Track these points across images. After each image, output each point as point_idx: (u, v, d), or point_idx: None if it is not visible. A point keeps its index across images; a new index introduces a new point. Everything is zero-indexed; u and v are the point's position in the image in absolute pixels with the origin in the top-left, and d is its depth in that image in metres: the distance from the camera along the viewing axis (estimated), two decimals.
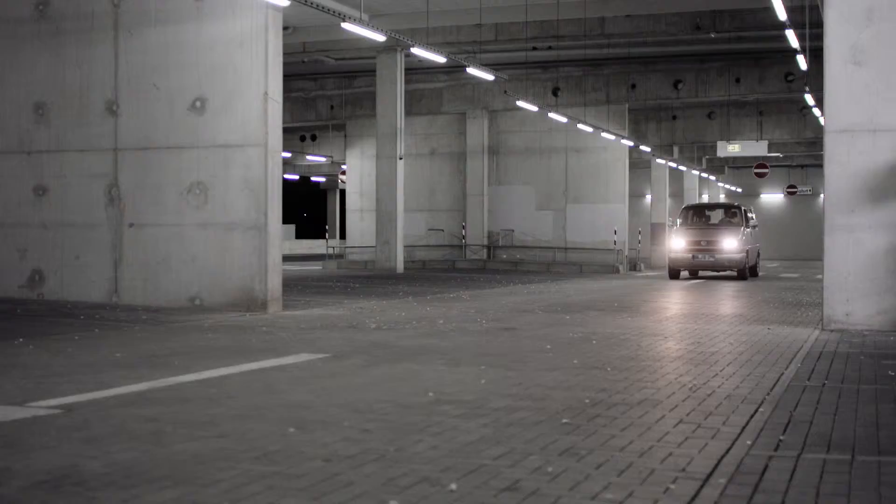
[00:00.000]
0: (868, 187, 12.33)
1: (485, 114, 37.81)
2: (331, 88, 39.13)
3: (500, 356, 9.51)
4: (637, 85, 35.01)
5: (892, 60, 12.34)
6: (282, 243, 15.70)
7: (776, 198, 64.99)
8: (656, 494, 4.43)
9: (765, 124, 41.81)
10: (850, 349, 10.19)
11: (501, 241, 38.03)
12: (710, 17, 27.65)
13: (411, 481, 4.64)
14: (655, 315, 14.79)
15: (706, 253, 27.88)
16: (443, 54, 23.47)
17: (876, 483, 4.61)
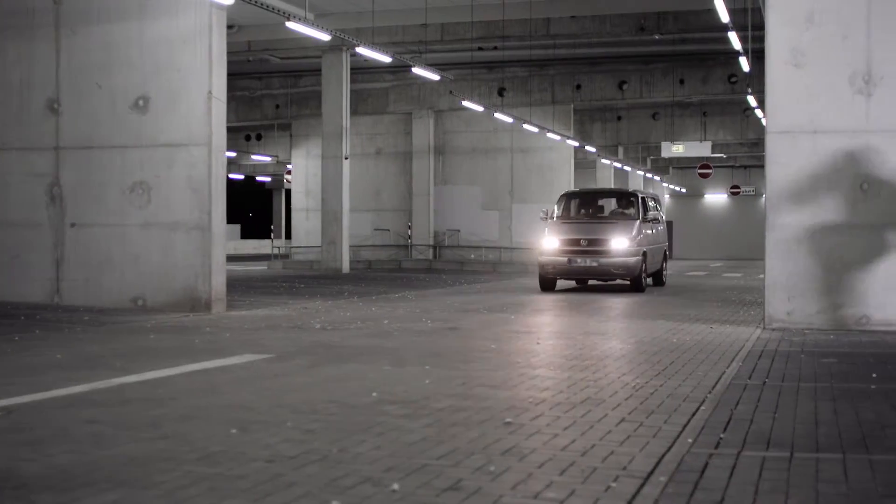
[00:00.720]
0: (808, 188, 12.47)
1: (431, 114, 37.82)
2: (276, 87, 38.96)
3: (444, 356, 9.52)
4: (582, 85, 35.18)
5: (832, 63, 12.49)
6: (226, 243, 15.60)
7: (720, 198, 65.59)
8: (597, 493, 4.46)
9: (708, 125, 42.18)
10: (791, 348, 10.31)
11: (447, 240, 38.06)
12: (654, 19, 27.85)
13: (354, 482, 4.63)
14: (600, 314, 14.86)
15: (587, 256, 20.87)
16: (388, 54, 23.44)
17: (814, 480, 4.66)
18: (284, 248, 45.47)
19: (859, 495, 4.38)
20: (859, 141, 12.40)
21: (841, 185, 12.42)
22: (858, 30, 12.44)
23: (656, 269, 23.08)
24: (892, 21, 12.38)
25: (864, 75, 12.42)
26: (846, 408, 6.60)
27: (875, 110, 12.37)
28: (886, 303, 12.25)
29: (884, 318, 12.23)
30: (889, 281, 12.25)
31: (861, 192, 12.36)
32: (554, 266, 21.06)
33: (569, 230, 21.48)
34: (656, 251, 22.90)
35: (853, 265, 12.35)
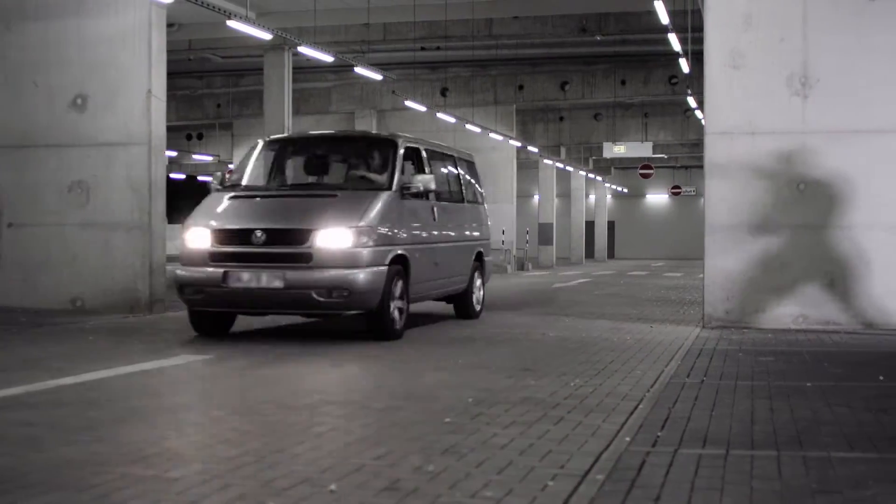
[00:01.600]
0: (746, 188, 12.59)
1: (373, 114, 37.72)
2: (218, 87, 38.66)
3: (384, 357, 9.50)
4: (525, 86, 35.27)
5: (770, 65, 12.62)
6: (167, 243, 15.45)
7: (661, 198, 66.10)
8: (535, 492, 4.47)
9: (650, 126, 42.47)
10: (729, 346, 10.40)
11: None
12: (595, 20, 27.98)
13: (290, 482, 4.61)
14: (543, 312, 14.90)
15: (262, 267, 10.77)
16: (330, 53, 23.36)
17: (748, 477, 4.71)
18: None
19: (792, 492, 4.43)
20: (796, 142, 12.54)
21: (778, 186, 12.55)
22: (795, 32, 12.59)
23: (457, 288, 13.64)
24: (828, 23, 12.54)
25: (800, 77, 12.56)
26: (782, 405, 6.67)
27: (811, 112, 12.52)
28: (823, 302, 12.40)
29: (821, 317, 12.38)
30: (824, 280, 12.40)
31: (798, 192, 12.50)
32: (201, 287, 10.93)
33: (236, 213, 11.55)
34: (447, 256, 13.15)
35: (791, 265, 12.49)
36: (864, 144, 12.42)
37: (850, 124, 12.46)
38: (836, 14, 12.55)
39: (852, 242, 12.37)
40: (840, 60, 12.51)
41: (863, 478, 4.67)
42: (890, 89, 12.39)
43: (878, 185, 12.33)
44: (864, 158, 12.39)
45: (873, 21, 12.45)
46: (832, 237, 12.42)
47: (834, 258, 12.40)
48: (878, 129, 12.41)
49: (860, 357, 9.49)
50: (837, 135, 12.48)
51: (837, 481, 4.61)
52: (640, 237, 65.81)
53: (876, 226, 12.32)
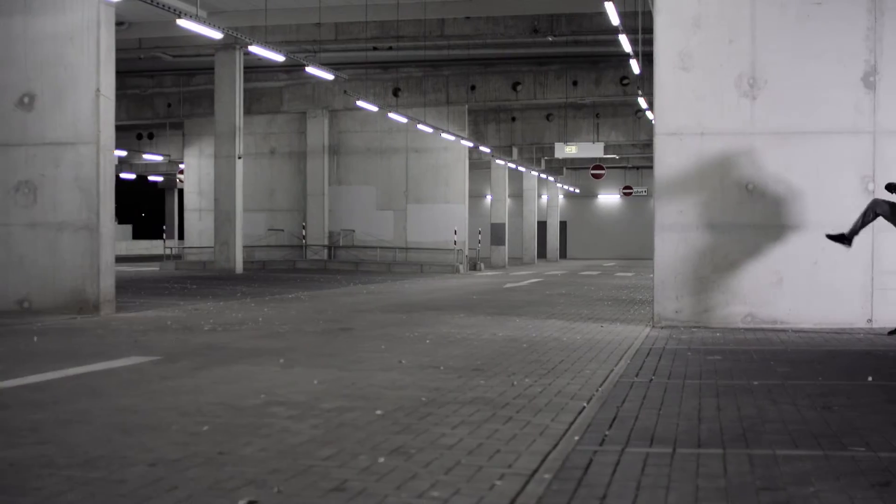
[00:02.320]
0: (696, 188, 12.70)
1: (325, 113, 37.65)
2: (168, 86, 38.41)
3: (335, 357, 9.48)
4: (477, 86, 35.33)
5: (719, 66, 12.73)
6: (117, 244, 15.33)
7: (613, 198, 66.42)
8: (482, 491, 4.47)
9: (601, 126, 42.67)
10: (678, 345, 10.48)
11: (342, 241, 37.93)
12: (547, 21, 28.08)
13: (237, 484, 4.58)
14: (494, 312, 14.93)
15: None
16: (282, 53, 23.28)
17: (694, 475, 4.74)
18: (177, 249, 44.89)
19: (737, 489, 4.47)
20: (744, 143, 12.66)
21: (727, 186, 12.66)
22: (743, 34, 12.70)
23: None
24: (775, 26, 12.66)
25: (749, 78, 12.68)
26: (729, 404, 6.72)
27: (759, 113, 12.64)
28: (771, 301, 12.53)
29: (768, 316, 12.50)
30: (773, 279, 12.53)
31: (746, 192, 12.62)
32: None
33: None
34: None
35: (739, 264, 12.60)
36: (812, 145, 12.56)
37: (797, 125, 12.60)
38: (783, 17, 12.67)
39: (800, 242, 12.50)
40: (787, 62, 12.64)
41: (806, 475, 4.71)
42: (836, 91, 12.53)
43: (825, 185, 12.47)
44: (811, 159, 12.53)
45: (820, 24, 12.59)
46: (780, 236, 12.55)
47: (782, 257, 12.53)
48: (825, 130, 12.55)
49: (806, 355, 9.59)
50: (785, 136, 12.61)
51: (782, 478, 4.66)
52: (593, 237, 66.10)
53: (823, 225, 12.45)
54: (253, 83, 35.27)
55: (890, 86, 12.48)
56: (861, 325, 12.38)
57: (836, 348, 10.31)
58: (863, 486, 4.50)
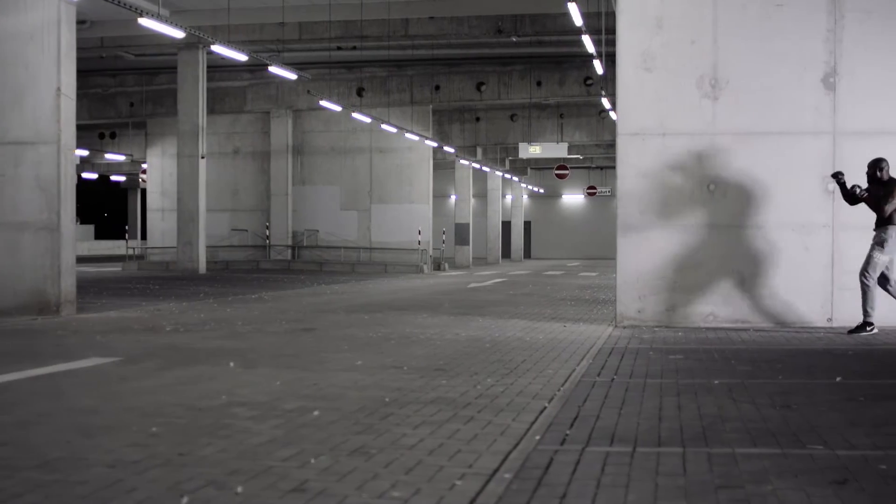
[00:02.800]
0: (657, 188, 12.76)
1: (289, 113, 37.56)
2: (131, 85, 38.18)
3: (297, 357, 9.46)
4: (441, 86, 35.35)
5: (681, 67, 12.80)
6: (79, 244, 15.24)
7: (577, 198, 66.63)
8: (442, 491, 4.47)
9: (565, 127, 42.81)
10: (641, 345, 10.52)
11: (306, 241, 37.85)
12: (511, 21, 28.14)
13: (197, 485, 4.56)
14: (458, 312, 14.94)
15: None
16: (245, 52, 23.20)
17: (654, 473, 4.76)
18: (140, 249, 44.63)
19: (696, 487, 4.49)
20: (706, 143, 12.73)
21: (689, 186, 12.73)
22: (705, 35, 12.77)
23: None
24: (737, 27, 12.74)
25: (710, 79, 12.75)
26: (689, 403, 6.76)
27: (721, 113, 12.71)
28: (732, 300, 12.61)
29: (730, 315, 12.58)
30: (734, 279, 12.61)
31: (708, 192, 12.69)
32: None
33: None
34: None
35: (701, 264, 12.67)
36: (772, 145, 12.65)
37: (758, 126, 12.69)
38: (745, 18, 12.76)
39: (762, 241, 12.60)
40: (749, 63, 12.73)
41: (765, 473, 4.75)
42: (796, 92, 12.63)
43: (786, 185, 12.57)
44: (772, 159, 12.63)
45: (781, 25, 12.68)
46: (742, 236, 12.63)
47: (744, 257, 12.62)
48: (786, 131, 12.65)
49: (767, 354, 9.65)
50: (746, 136, 12.70)
51: (740, 476, 4.69)
52: (557, 237, 66.30)
53: (784, 225, 12.56)
54: (216, 82, 35.14)
55: (849, 87, 12.59)
56: (822, 324, 12.48)
57: (797, 347, 10.39)
58: (820, 484, 4.54)
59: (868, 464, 4.93)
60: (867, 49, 12.61)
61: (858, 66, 12.60)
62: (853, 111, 12.61)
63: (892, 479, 4.62)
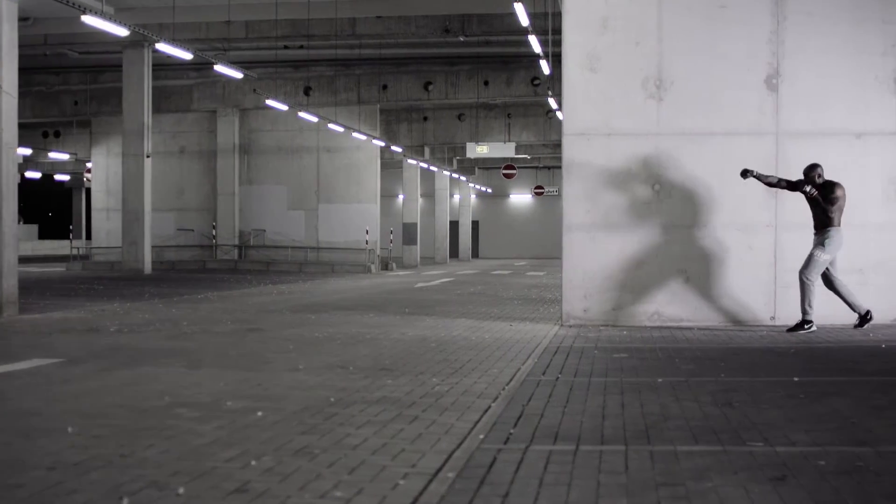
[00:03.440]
0: (603, 188, 12.83)
1: (236, 112, 37.36)
2: (75, 83, 37.76)
3: (242, 357, 9.41)
4: (388, 86, 35.31)
5: (626, 68, 12.87)
6: (20, 244, 15.04)
7: (525, 198, 66.83)
8: (385, 491, 4.48)
9: (513, 127, 42.90)
10: (586, 344, 10.57)
11: (253, 241, 37.66)
12: (459, 21, 28.16)
13: (138, 486, 4.53)
14: (404, 312, 14.93)
15: None
16: (190, 51, 23.05)
17: (596, 471, 4.80)
18: (85, 249, 44.19)
19: (637, 485, 4.53)
20: (651, 143, 12.82)
21: (634, 186, 12.82)
22: (650, 36, 12.86)
23: None
24: (682, 28, 12.85)
25: (655, 80, 12.84)
26: (633, 401, 6.80)
27: (666, 114, 12.81)
28: (676, 299, 12.71)
29: (675, 314, 12.68)
30: (679, 278, 12.71)
31: (653, 192, 12.78)
32: None
33: None
34: None
35: (646, 263, 12.76)
36: (716, 146, 12.77)
37: (702, 126, 12.80)
38: (689, 19, 12.86)
39: (706, 241, 12.71)
40: (693, 64, 12.84)
41: (706, 470, 4.79)
42: (740, 92, 12.75)
43: (730, 185, 12.67)
44: (716, 159, 12.74)
45: (724, 27, 12.80)
46: (686, 236, 12.73)
47: (688, 256, 12.72)
48: (730, 132, 12.77)
49: (710, 353, 9.74)
50: (691, 136, 12.81)
51: (681, 474, 4.73)
52: (505, 237, 66.45)
53: (728, 225, 12.68)
54: (162, 81, 34.85)
55: (792, 88, 12.74)
56: (765, 322, 12.62)
57: (740, 346, 10.50)
58: (759, 481, 4.59)
59: (807, 460, 5.00)
60: (809, 51, 12.76)
61: (801, 67, 12.75)
62: (795, 112, 12.76)
63: (830, 475, 4.69)
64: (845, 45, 12.80)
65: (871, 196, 12.69)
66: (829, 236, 11.72)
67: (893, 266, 12.68)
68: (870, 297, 12.18)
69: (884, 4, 12.75)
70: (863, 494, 4.36)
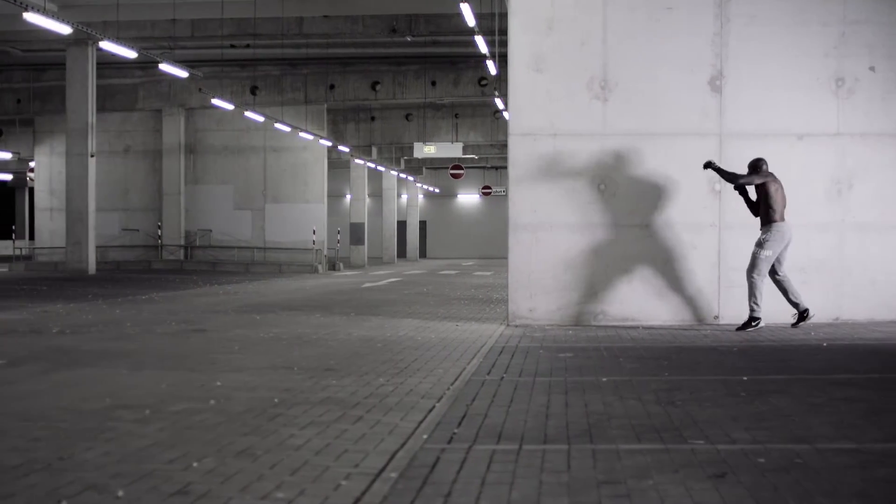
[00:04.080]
0: (549, 188, 12.87)
1: (182, 111, 37.09)
2: (18, 81, 37.30)
3: (186, 358, 9.34)
4: (336, 85, 35.23)
5: (571, 69, 12.93)
6: None
7: (472, 198, 66.93)
8: (327, 492, 4.47)
9: (460, 127, 42.96)
10: (531, 344, 10.60)
11: (199, 241, 37.41)
12: (406, 21, 28.16)
13: (77, 489, 4.48)
14: (351, 312, 14.90)
15: None
16: (135, 49, 22.86)
17: (539, 470, 4.81)
18: (28, 250, 43.69)
19: (579, 484, 4.55)
20: (596, 144, 12.88)
21: (580, 186, 12.86)
22: (595, 37, 12.92)
23: None
24: (627, 30, 12.92)
25: (600, 81, 12.91)
26: (577, 400, 6.83)
27: (611, 114, 12.88)
28: (621, 298, 12.78)
29: (619, 314, 12.75)
30: (624, 277, 12.78)
31: (599, 192, 12.84)
32: None
33: None
34: None
35: (591, 263, 12.81)
36: (661, 146, 12.85)
37: (647, 127, 12.87)
38: (634, 20, 12.94)
39: (651, 241, 12.79)
40: (638, 66, 12.91)
41: (647, 468, 4.83)
42: (684, 94, 12.85)
43: (674, 185, 12.77)
44: (661, 160, 12.82)
45: (669, 28, 12.89)
46: (632, 236, 12.80)
47: (633, 256, 12.80)
48: (674, 132, 12.86)
49: (654, 352, 9.81)
50: (636, 137, 12.88)
51: (623, 472, 4.76)
52: (452, 237, 66.52)
53: (673, 224, 12.76)
54: (107, 79, 34.53)
55: (735, 90, 12.85)
56: (709, 321, 12.72)
57: (684, 344, 10.57)
58: (699, 478, 4.63)
59: (747, 457, 5.05)
60: (752, 52, 12.89)
61: (743, 68, 12.87)
62: (739, 113, 12.87)
63: (769, 472, 4.73)
64: (788, 47, 12.93)
65: (814, 196, 12.83)
66: (769, 232, 11.87)
67: (835, 265, 12.84)
68: (811, 296, 12.32)
69: (825, 7, 12.90)
70: (801, 491, 4.42)
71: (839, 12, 12.90)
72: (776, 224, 11.87)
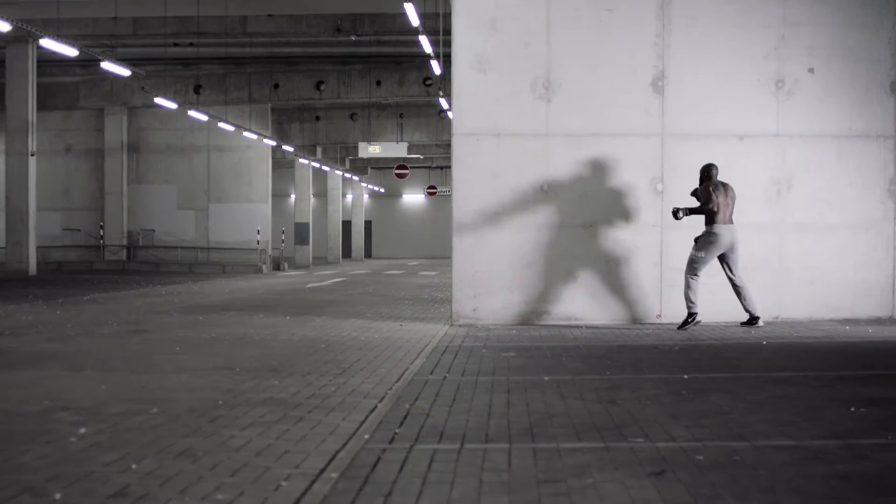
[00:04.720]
0: (492, 189, 12.90)
1: (124, 110, 36.75)
2: None
3: (127, 359, 9.26)
4: (280, 85, 35.07)
5: (515, 69, 12.96)
6: None
7: (418, 198, 66.93)
8: (267, 492, 4.45)
9: (405, 126, 42.94)
10: (475, 343, 10.62)
11: (142, 241, 37.10)
12: (350, 21, 28.11)
13: (13, 493, 4.42)
14: (295, 312, 14.84)
15: None
16: (76, 47, 22.62)
17: (480, 469, 4.82)
18: None
19: (519, 482, 4.56)
20: (540, 144, 12.93)
21: (523, 186, 12.91)
22: (539, 38, 12.97)
23: None
24: (570, 31, 12.97)
25: (544, 81, 12.96)
26: (519, 399, 6.85)
27: (554, 115, 12.93)
28: (564, 298, 12.83)
29: (563, 313, 12.81)
30: (568, 277, 12.84)
31: (542, 192, 12.89)
32: None
33: None
34: None
35: (535, 263, 12.86)
36: (604, 147, 12.93)
37: (590, 127, 12.94)
38: (577, 21, 13.00)
39: (594, 241, 12.86)
40: (581, 66, 12.98)
41: (587, 466, 4.85)
42: (627, 95, 12.93)
43: (617, 185, 12.85)
44: (604, 160, 12.90)
45: (612, 29, 12.97)
46: (575, 236, 12.87)
47: (577, 256, 12.86)
48: (617, 133, 12.94)
49: (597, 351, 9.86)
50: (579, 137, 12.94)
51: (563, 470, 4.78)
52: (398, 236, 66.50)
53: (616, 225, 12.84)
54: (48, 77, 34.11)
55: (677, 91, 12.96)
56: (651, 320, 12.82)
57: (626, 343, 10.64)
58: (638, 476, 4.66)
59: (686, 455, 5.09)
60: (694, 54, 13.00)
61: (685, 70, 12.98)
62: (681, 114, 12.98)
63: (707, 470, 4.78)
64: (729, 48, 13.06)
65: (755, 196, 12.97)
66: (705, 233, 12.02)
67: (775, 265, 12.99)
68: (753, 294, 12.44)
69: (766, 9, 13.05)
70: (738, 487, 4.46)
71: (779, 14, 13.05)
72: (714, 226, 12.00)
